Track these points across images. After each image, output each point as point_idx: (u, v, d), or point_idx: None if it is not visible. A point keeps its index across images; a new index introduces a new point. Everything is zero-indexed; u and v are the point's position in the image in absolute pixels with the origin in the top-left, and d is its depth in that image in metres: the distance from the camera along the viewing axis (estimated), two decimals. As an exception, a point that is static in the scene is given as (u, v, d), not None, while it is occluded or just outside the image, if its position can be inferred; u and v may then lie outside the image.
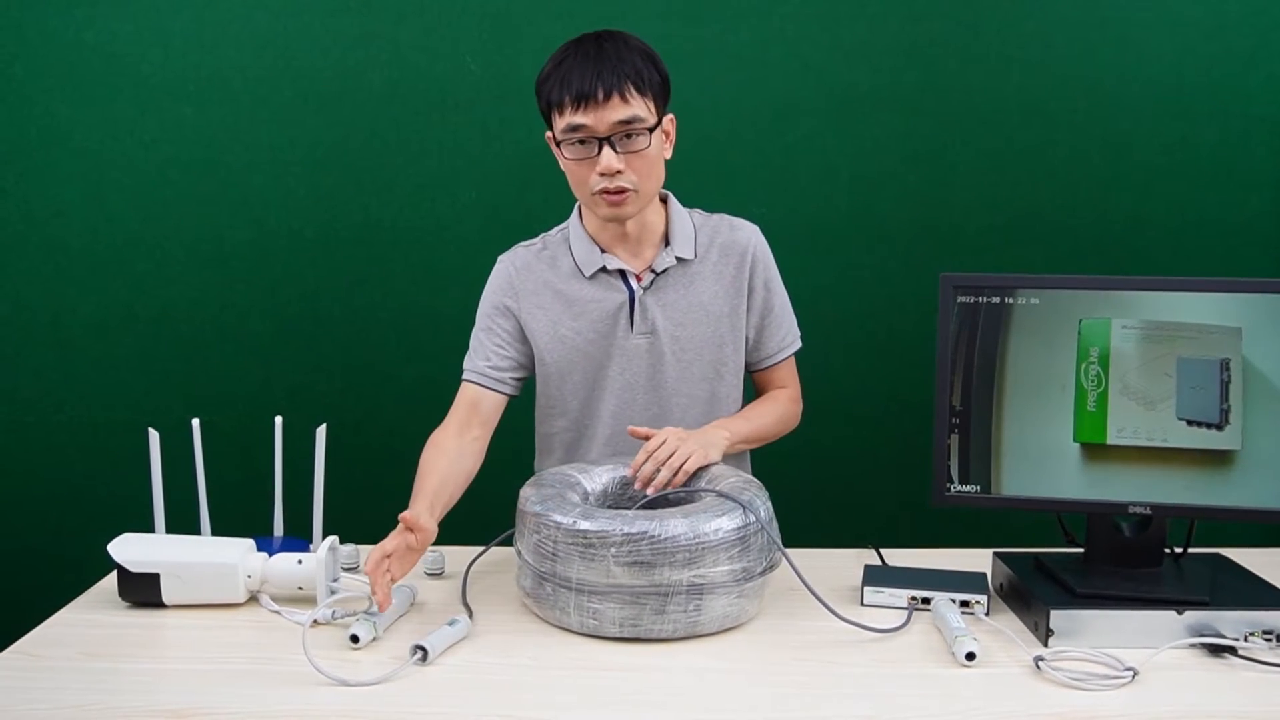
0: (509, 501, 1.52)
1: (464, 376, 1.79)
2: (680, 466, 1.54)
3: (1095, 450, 1.44)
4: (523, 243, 1.82)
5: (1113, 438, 1.43)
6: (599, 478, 1.58)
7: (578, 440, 1.80)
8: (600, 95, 1.57)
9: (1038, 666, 1.28)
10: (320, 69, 2.40)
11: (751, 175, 2.45)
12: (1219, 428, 1.41)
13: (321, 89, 2.41)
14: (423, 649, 1.28)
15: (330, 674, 1.24)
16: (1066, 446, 1.44)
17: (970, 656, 1.29)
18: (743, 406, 1.81)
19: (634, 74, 1.59)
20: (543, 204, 2.43)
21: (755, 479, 1.53)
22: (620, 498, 1.58)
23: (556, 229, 1.81)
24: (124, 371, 2.48)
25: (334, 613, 1.42)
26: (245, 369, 2.48)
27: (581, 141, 1.61)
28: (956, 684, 1.26)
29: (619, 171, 1.60)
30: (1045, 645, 1.35)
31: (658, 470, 1.54)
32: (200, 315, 2.47)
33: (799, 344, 1.84)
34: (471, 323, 2.44)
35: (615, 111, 1.58)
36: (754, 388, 1.86)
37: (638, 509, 1.51)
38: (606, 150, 1.60)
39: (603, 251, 1.74)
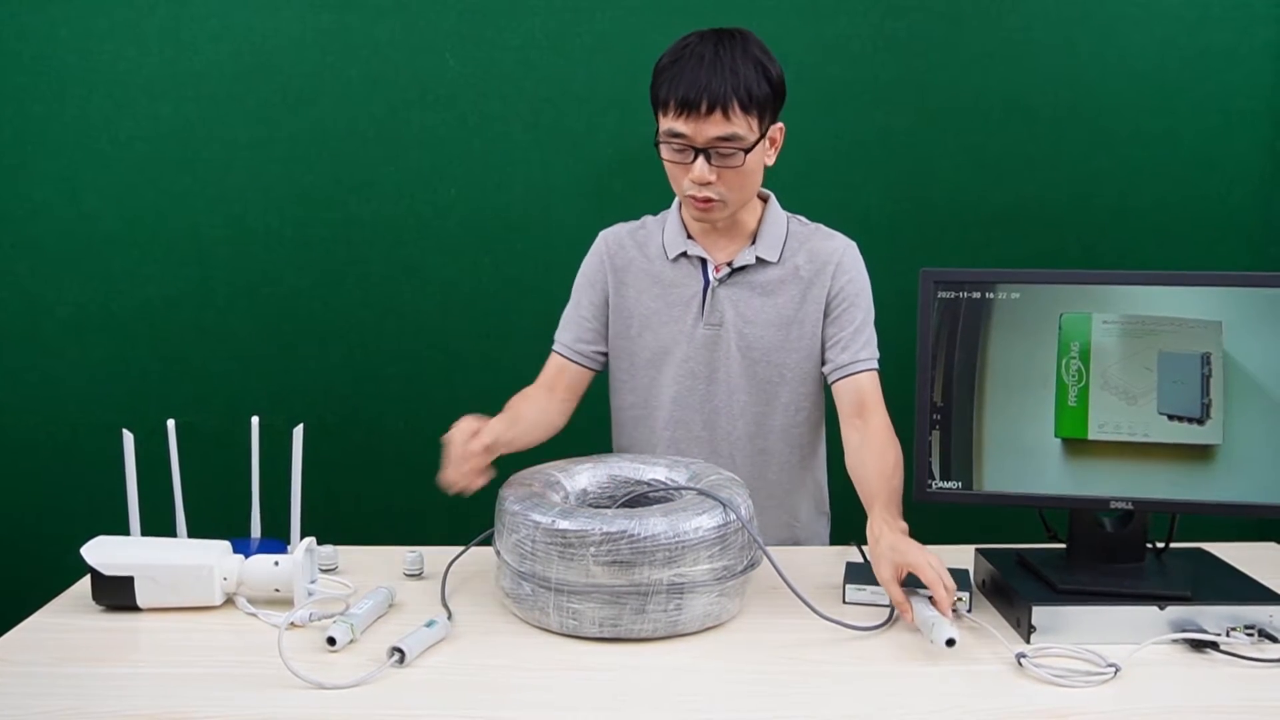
0: (489, 501, 1.50)
1: (553, 347, 1.85)
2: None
3: (1077, 445, 1.43)
4: (625, 221, 1.86)
5: (1094, 433, 1.43)
6: (579, 477, 1.57)
7: (644, 418, 1.83)
8: (704, 108, 1.57)
9: (1020, 663, 1.27)
10: (298, 66, 2.38)
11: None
12: (1200, 422, 1.40)
13: (299, 86, 2.39)
14: (400, 651, 1.27)
15: (306, 677, 1.22)
16: (1048, 442, 1.44)
17: (950, 643, 1.28)
18: (805, 414, 1.80)
19: (743, 90, 1.58)
20: (523, 201, 2.43)
21: (736, 476, 1.52)
22: (600, 497, 1.57)
23: (660, 213, 1.84)
24: (100, 372, 2.45)
25: (311, 615, 1.40)
26: (223, 369, 2.46)
27: (679, 147, 1.62)
28: (938, 681, 1.25)
29: (709, 183, 1.62)
30: (1027, 642, 1.35)
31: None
32: (177, 315, 2.45)
33: (875, 364, 1.76)
34: (451, 320, 2.43)
35: (715, 127, 1.58)
36: (834, 400, 1.77)
37: (617, 508, 1.50)
38: (700, 161, 1.61)
39: (689, 238, 1.77)
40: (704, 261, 1.76)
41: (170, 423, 1.63)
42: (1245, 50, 2.43)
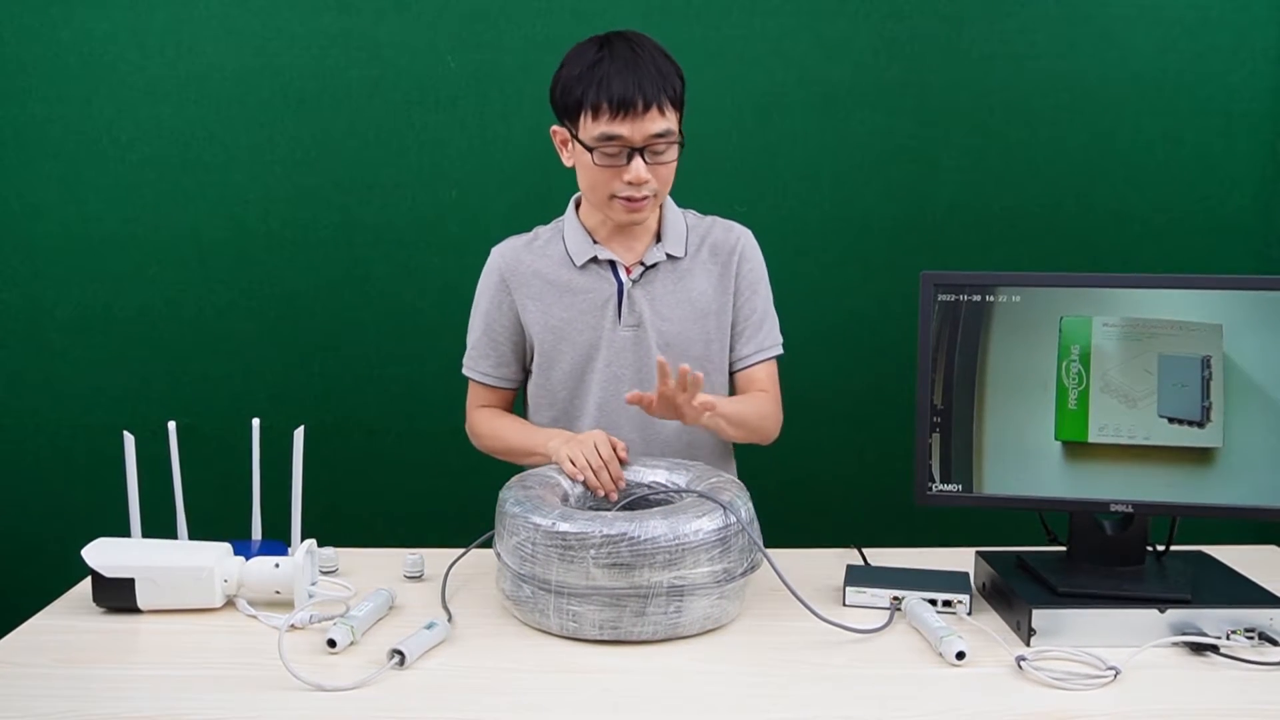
0: (489, 503, 1.50)
1: (473, 377, 1.84)
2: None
3: (1077, 448, 1.43)
4: (515, 235, 1.84)
5: (1094, 436, 1.43)
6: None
7: (566, 430, 1.78)
8: (640, 106, 1.59)
9: (1020, 666, 1.27)
10: (299, 68, 2.38)
11: (733, 172, 2.44)
12: (1200, 425, 1.40)
13: (300, 88, 2.39)
14: (400, 653, 1.27)
15: (306, 679, 1.22)
16: (1048, 445, 1.44)
17: (960, 655, 1.29)
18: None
19: (669, 86, 1.62)
20: (524, 202, 2.43)
21: (736, 479, 1.52)
22: (600, 499, 1.57)
23: (552, 222, 1.83)
24: (101, 374, 2.45)
25: (311, 617, 1.40)
26: (224, 371, 2.46)
27: (615, 150, 1.62)
28: (938, 684, 1.25)
29: (646, 181, 1.63)
30: (1027, 644, 1.35)
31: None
32: (178, 317, 2.45)
33: (779, 350, 1.84)
34: (452, 322, 2.42)
35: (653, 124, 1.60)
36: (733, 390, 1.85)
37: (617, 510, 1.50)
38: (638, 161, 1.62)
39: (595, 242, 1.75)
40: (613, 264, 1.75)
41: (171, 424, 1.63)
42: (1246, 53, 2.43)
